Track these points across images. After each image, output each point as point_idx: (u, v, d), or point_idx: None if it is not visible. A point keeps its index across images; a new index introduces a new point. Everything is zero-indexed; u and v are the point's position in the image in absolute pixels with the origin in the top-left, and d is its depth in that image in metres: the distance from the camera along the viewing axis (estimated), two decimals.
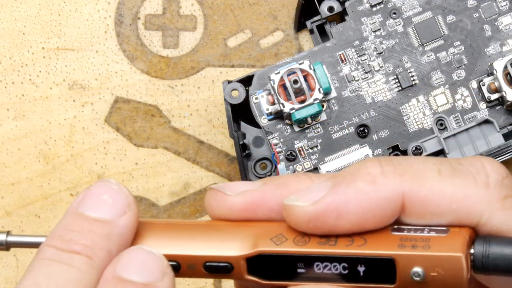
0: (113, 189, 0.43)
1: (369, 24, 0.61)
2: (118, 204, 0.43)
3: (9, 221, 0.65)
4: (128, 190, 0.43)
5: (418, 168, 0.41)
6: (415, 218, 0.40)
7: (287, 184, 0.43)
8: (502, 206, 0.39)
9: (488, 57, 0.61)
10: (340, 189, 0.40)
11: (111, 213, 0.42)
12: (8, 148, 0.66)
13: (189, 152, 0.66)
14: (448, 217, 0.40)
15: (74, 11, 0.66)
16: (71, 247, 0.41)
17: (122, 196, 0.43)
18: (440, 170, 0.40)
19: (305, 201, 0.41)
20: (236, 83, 0.61)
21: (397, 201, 0.40)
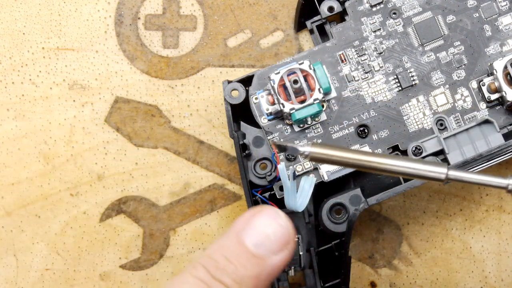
0: (281, 225, 0.45)
1: (369, 24, 0.61)
2: (278, 242, 0.45)
3: (9, 221, 0.65)
4: (292, 227, 0.45)
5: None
6: None
7: None
8: None
9: (488, 57, 0.61)
10: None
11: (269, 250, 0.44)
12: (8, 148, 0.66)
13: (189, 152, 0.66)
14: None
15: (74, 11, 0.66)
16: (222, 278, 0.43)
17: (285, 235, 0.45)
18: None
19: None
20: (236, 83, 0.61)
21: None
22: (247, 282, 0.43)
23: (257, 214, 0.45)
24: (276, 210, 0.45)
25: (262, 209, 0.45)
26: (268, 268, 0.44)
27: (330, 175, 0.60)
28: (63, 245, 0.65)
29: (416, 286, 0.65)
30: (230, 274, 0.43)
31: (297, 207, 0.58)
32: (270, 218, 0.45)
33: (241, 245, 0.44)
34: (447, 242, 0.65)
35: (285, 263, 0.45)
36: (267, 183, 0.60)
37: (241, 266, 0.44)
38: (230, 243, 0.44)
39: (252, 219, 0.45)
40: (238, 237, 0.44)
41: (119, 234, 0.65)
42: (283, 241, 0.45)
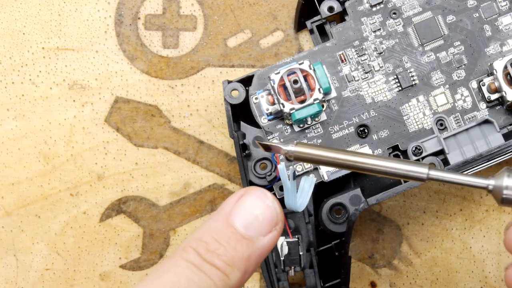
0: (268, 205, 0.45)
1: (369, 24, 0.61)
2: (267, 223, 0.45)
3: (9, 221, 0.65)
4: (279, 207, 0.45)
5: None
6: None
7: None
8: None
9: (488, 57, 0.61)
10: None
11: (257, 231, 0.45)
12: (8, 148, 0.66)
13: (189, 152, 0.66)
14: None
15: (74, 11, 0.66)
16: (213, 260, 0.44)
17: (273, 214, 0.45)
18: None
19: None
20: (236, 83, 0.61)
21: None
22: (238, 263, 0.44)
23: (245, 196, 0.45)
24: (263, 191, 0.45)
25: (249, 190, 0.45)
26: (258, 249, 0.44)
27: (330, 175, 0.60)
28: (63, 245, 0.65)
29: (416, 286, 0.65)
30: (221, 256, 0.43)
31: (297, 207, 0.58)
32: (258, 199, 0.45)
33: (231, 227, 0.44)
34: (447, 242, 0.65)
35: (275, 243, 0.45)
36: (267, 183, 0.60)
37: (231, 248, 0.44)
38: (219, 225, 0.45)
39: (240, 200, 0.45)
40: (227, 219, 0.45)
41: (119, 234, 0.65)
42: (271, 221, 0.45)
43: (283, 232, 0.62)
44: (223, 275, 0.43)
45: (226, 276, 0.43)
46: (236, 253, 0.44)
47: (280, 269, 0.61)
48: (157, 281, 0.43)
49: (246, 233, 0.44)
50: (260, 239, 0.44)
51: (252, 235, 0.44)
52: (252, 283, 0.65)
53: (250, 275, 0.45)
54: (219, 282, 0.43)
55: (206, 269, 0.43)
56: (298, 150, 0.46)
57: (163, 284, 0.43)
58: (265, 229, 0.45)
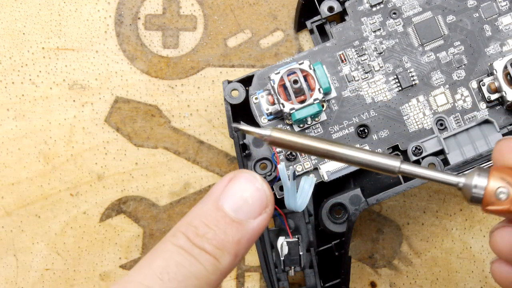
0: (257, 188, 0.45)
1: (369, 24, 0.61)
2: (257, 206, 0.44)
3: (9, 221, 0.65)
4: (269, 189, 0.45)
5: None
6: None
7: None
8: None
9: (488, 57, 0.61)
10: None
11: (248, 214, 0.44)
12: (8, 148, 0.66)
13: (189, 152, 0.66)
14: None
15: (74, 11, 0.66)
16: (203, 245, 0.43)
17: (262, 197, 0.45)
18: None
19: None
20: (236, 83, 0.61)
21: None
22: (228, 247, 0.43)
23: (234, 179, 0.45)
24: (252, 174, 0.45)
25: (238, 173, 0.45)
26: (248, 232, 0.44)
27: (330, 175, 0.60)
28: (63, 245, 0.65)
29: (416, 286, 0.65)
30: (211, 240, 0.43)
31: (297, 207, 0.58)
32: (247, 182, 0.45)
33: (220, 211, 0.44)
34: (447, 242, 0.65)
35: (264, 226, 0.45)
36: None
37: (221, 231, 0.44)
38: (209, 209, 0.44)
39: (229, 184, 0.45)
40: (217, 202, 0.44)
41: (119, 234, 0.65)
42: (261, 204, 0.44)
43: (283, 232, 0.62)
44: (213, 259, 0.43)
45: (216, 260, 0.43)
46: (226, 236, 0.43)
47: (280, 269, 0.61)
48: (147, 267, 0.43)
49: (235, 216, 0.44)
50: (250, 222, 0.44)
51: (241, 218, 0.44)
52: (252, 283, 0.65)
53: (241, 259, 0.45)
54: (210, 266, 0.43)
55: (196, 254, 0.43)
56: (273, 135, 0.46)
57: (152, 270, 0.42)
58: (255, 212, 0.44)
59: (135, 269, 0.43)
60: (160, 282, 0.42)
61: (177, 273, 0.42)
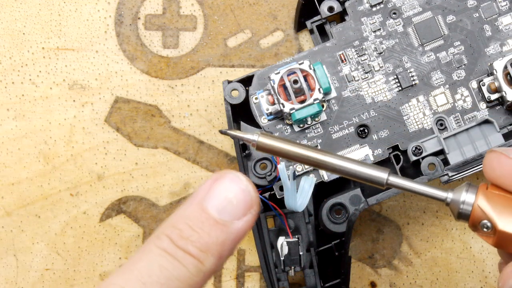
0: (241, 189, 0.44)
1: (369, 24, 0.61)
2: (241, 207, 0.44)
3: (9, 221, 0.65)
4: (254, 190, 0.44)
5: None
6: None
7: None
8: None
9: (488, 57, 0.61)
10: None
11: (232, 216, 0.44)
12: (8, 148, 0.66)
13: (189, 152, 0.66)
14: None
15: (74, 11, 0.66)
16: (187, 247, 0.43)
17: (247, 198, 0.44)
18: None
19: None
20: (236, 83, 0.61)
21: None
22: (212, 249, 0.43)
23: (219, 180, 0.44)
24: (237, 174, 0.44)
25: (223, 174, 0.44)
26: (232, 234, 0.43)
27: (330, 175, 0.60)
28: (63, 245, 0.65)
29: (416, 286, 0.65)
30: (195, 242, 0.43)
31: (297, 207, 0.58)
32: (231, 183, 0.44)
33: (204, 212, 0.43)
34: (447, 242, 0.65)
35: (250, 227, 0.44)
36: (267, 183, 0.60)
37: (205, 233, 0.43)
38: (193, 210, 0.44)
39: (213, 184, 0.44)
40: (201, 204, 0.44)
41: (119, 234, 0.65)
42: (246, 205, 0.44)
43: (283, 232, 0.62)
44: (197, 262, 0.43)
45: (200, 263, 0.43)
46: (210, 238, 0.43)
47: (280, 269, 0.61)
48: (130, 271, 0.42)
49: (220, 217, 0.43)
50: (234, 223, 0.44)
51: (226, 219, 0.43)
52: (252, 283, 0.65)
53: (226, 260, 0.44)
54: (193, 269, 0.43)
55: (180, 256, 0.42)
56: (262, 140, 0.45)
57: (135, 273, 0.42)
58: (239, 213, 0.44)
59: (118, 272, 0.43)
60: (142, 286, 0.42)
61: (160, 276, 0.42)
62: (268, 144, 0.46)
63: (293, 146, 0.45)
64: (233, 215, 0.44)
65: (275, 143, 0.46)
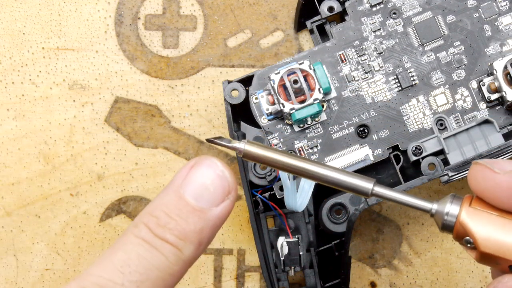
0: (218, 175, 0.43)
1: (369, 24, 0.61)
2: (218, 193, 0.43)
3: (9, 221, 0.65)
4: (231, 174, 0.44)
5: None
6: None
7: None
8: None
9: (488, 57, 0.61)
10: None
11: (209, 202, 0.43)
12: (8, 148, 0.66)
13: (189, 152, 0.66)
14: None
15: (74, 11, 0.66)
16: (165, 235, 0.42)
17: (224, 184, 0.43)
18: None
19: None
20: (236, 83, 0.61)
21: None
22: (191, 236, 0.42)
23: (195, 166, 0.44)
24: (213, 160, 0.44)
25: (199, 160, 0.44)
26: (210, 220, 0.43)
27: None
28: (63, 245, 0.65)
29: (416, 286, 0.65)
30: (173, 230, 0.42)
31: (297, 207, 0.58)
32: (208, 169, 0.44)
33: (181, 199, 0.43)
34: (447, 242, 0.65)
35: (228, 213, 0.44)
36: (267, 183, 0.60)
37: (182, 221, 0.43)
38: (170, 198, 0.43)
39: (190, 171, 0.44)
40: (178, 191, 0.43)
41: (119, 234, 0.65)
42: (223, 191, 0.43)
43: (283, 232, 0.62)
44: (175, 250, 0.42)
45: (179, 251, 0.42)
46: (188, 226, 0.42)
47: (280, 269, 0.61)
48: (109, 261, 0.42)
49: (197, 204, 0.43)
50: (212, 210, 0.43)
51: (203, 206, 0.43)
52: (252, 283, 0.65)
53: (205, 248, 0.43)
54: (172, 257, 0.42)
55: (158, 245, 0.42)
56: (248, 149, 0.45)
57: (113, 263, 0.42)
58: (217, 199, 0.43)
59: (96, 262, 0.42)
60: (121, 275, 0.41)
61: (138, 265, 0.42)
62: (254, 152, 0.45)
63: (279, 155, 0.45)
64: (211, 201, 0.43)
65: (261, 151, 0.45)
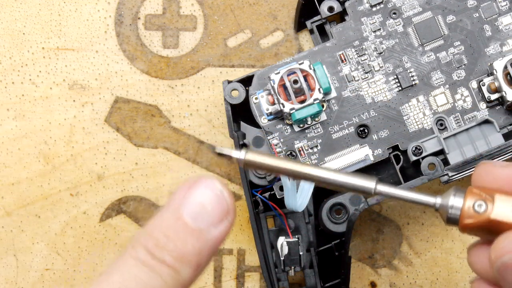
0: (217, 195, 0.43)
1: (369, 24, 0.61)
2: (217, 213, 0.43)
3: (9, 221, 0.65)
4: (230, 195, 0.43)
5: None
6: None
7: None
8: None
9: (488, 57, 0.61)
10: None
11: (208, 223, 0.42)
12: (8, 148, 0.66)
13: (189, 152, 0.66)
14: None
15: (74, 11, 0.66)
16: (163, 256, 0.42)
17: (223, 204, 0.43)
18: None
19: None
20: (236, 83, 0.61)
21: None
22: (189, 258, 0.42)
23: (193, 186, 0.43)
24: (212, 180, 0.43)
25: (198, 179, 0.43)
26: (209, 242, 0.42)
27: None
28: (63, 245, 0.65)
29: (416, 286, 0.65)
30: (171, 252, 0.41)
31: (297, 207, 0.58)
32: (206, 189, 0.43)
33: (179, 220, 0.42)
34: (447, 242, 0.65)
35: (227, 234, 0.43)
36: (267, 183, 0.60)
37: (181, 242, 0.42)
38: (168, 218, 0.42)
39: (188, 191, 0.43)
40: (176, 211, 0.42)
41: (119, 234, 0.65)
42: (221, 211, 0.42)
43: (283, 232, 0.62)
44: (173, 272, 0.41)
45: (176, 273, 0.41)
46: (186, 247, 0.42)
47: (280, 269, 0.61)
48: (105, 282, 0.41)
49: (195, 225, 0.42)
50: (210, 230, 0.42)
51: (202, 226, 0.42)
52: (252, 283, 0.65)
53: (203, 270, 0.43)
54: (170, 279, 0.41)
55: (155, 267, 0.41)
56: (248, 158, 0.45)
57: (110, 285, 0.41)
58: (215, 219, 0.42)
59: (94, 284, 0.41)
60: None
61: (135, 287, 0.41)
62: (255, 161, 0.45)
63: (280, 162, 0.45)
64: (209, 222, 0.42)
65: (262, 159, 0.45)
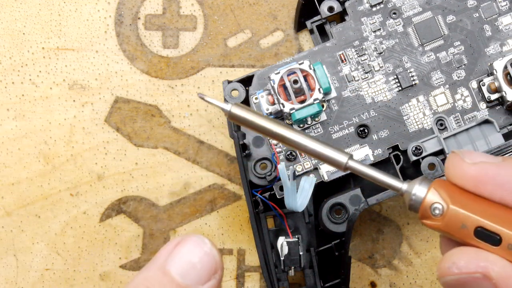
0: (206, 252, 0.43)
1: (369, 24, 0.61)
2: (205, 271, 0.42)
3: (9, 221, 0.65)
4: (218, 252, 0.43)
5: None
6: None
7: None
8: None
9: (488, 57, 0.61)
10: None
11: (195, 280, 0.42)
12: (8, 148, 0.66)
13: (189, 152, 0.66)
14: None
15: (74, 11, 0.66)
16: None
17: (211, 262, 0.43)
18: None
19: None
20: (236, 83, 0.61)
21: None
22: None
23: (181, 243, 0.43)
24: (201, 237, 0.43)
25: (186, 237, 0.43)
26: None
27: (330, 175, 0.60)
28: (63, 245, 0.65)
29: (416, 286, 0.65)
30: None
31: (297, 207, 0.58)
32: (195, 246, 0.43)
33: (167, 276, 0.42)
34: None
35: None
36: (267, 183, 0.60)
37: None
38: (155, 274, 0.42)
39: (176, 248, 0.43)
40: (164, 267, 0.42)
41: (119, 234, 0.65)
42: (210, 269, 0.42)
43: (283, 232, 0.62)
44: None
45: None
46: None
47: (280, 269, 0.61)
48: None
49: (183, 282, 0.42)
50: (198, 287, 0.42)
51: (189, 284, 0.42)
52: (252, 283, 0.65)
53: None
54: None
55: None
56: (233, 110, 0.46)
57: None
58: (203, 277, 0.42)
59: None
60: None
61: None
62: (239, 115, 0.46)
63: (262, 120, 0.46)
64: (197, 280, 0.42)
65: (246, 115, 0.46)
